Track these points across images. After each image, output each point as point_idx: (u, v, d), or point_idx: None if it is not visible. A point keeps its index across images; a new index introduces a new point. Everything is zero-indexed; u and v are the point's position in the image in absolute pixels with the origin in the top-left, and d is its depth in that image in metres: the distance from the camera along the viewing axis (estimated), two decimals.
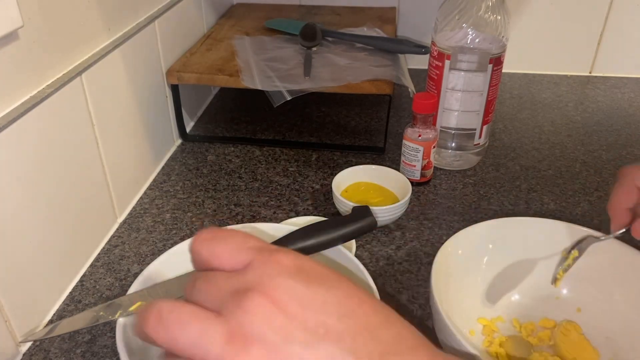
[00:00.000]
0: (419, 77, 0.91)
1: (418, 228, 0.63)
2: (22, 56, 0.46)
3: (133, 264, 0.58)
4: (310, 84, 0.71)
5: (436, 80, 0.68)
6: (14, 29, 0.44)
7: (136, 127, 0.68)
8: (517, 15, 0.99)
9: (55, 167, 0.52)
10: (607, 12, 0.97)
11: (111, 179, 0.62)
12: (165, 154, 0.78)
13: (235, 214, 0.65)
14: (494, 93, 0.68)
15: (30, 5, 0.47)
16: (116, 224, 0.64)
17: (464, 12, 0.64)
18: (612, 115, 0.89)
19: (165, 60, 0.75)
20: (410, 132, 0.67)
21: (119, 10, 0.62)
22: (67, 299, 0.54)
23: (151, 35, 0.70)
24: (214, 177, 0.73)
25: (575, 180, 0.71)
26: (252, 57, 0.79)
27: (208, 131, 0.85)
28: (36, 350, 0.49)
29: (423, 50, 0.79)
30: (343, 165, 0.72)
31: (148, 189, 0.71)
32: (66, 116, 0.53)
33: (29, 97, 0.47)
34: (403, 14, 1.02)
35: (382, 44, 0.82)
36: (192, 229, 0.63)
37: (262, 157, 0.77)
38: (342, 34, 0.85)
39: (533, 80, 1.01)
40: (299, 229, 0.47)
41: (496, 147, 0.79)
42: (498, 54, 0.65)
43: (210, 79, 0.75)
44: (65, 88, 0.52)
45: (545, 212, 0.65)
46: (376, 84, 0.71)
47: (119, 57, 0.62)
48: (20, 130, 0.46)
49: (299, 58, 0.79)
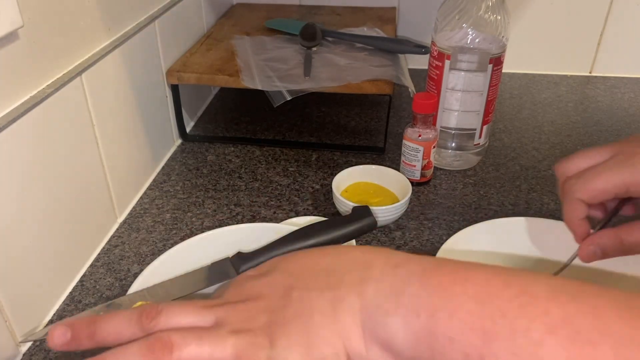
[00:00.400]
0: (419, 77, 0.91)
1: (418, 228, 0.63)
2: (22, 56, 0.46)
3: (133, 264, 0.58)
4: (310, 84, 0.71)
5: (436, 80, 0.68)
6: (14, 29, 0.44)
7: (136, 127, 0.68)
8: (517, 15, 0.99)
9: (55, 167, 0.52)
10: (607, 12, 0.97)
11: (111, 179, 0.62)
12: (165, 154, 0.78)
13: (235, 214, 0.65)
14: (494, 93, 0.68)
15: (30, 5, 0.47)
16: (116, 224, 0.64)
17: (464, 12, 0.64)
18: (612, 115, 0.89)
19: (165, 60, 0.75)
20: (410, 132, 0.67)
21: (119, 10, 0.62)
22: (67, 299, 0.54)
23: (151, 35, 0.70)
24: (214, 177, 0.73)
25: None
26: (252, 57, 0.79)
27: (208, 131, 0.85)
28: (36, 350, 0.49)
29: (423, 50, 0.79)
30: (343, 165, 0.72)
31: (148, 189, 0.71)
32: (66, 116, 0.53)
33: (29, 97, 0.47)
34: (403, 14, 1.02)
35: (382, 44, 0.82)
36: (192, 229, 0.63)
37: (262, 157, 0.77)
38: (342, 34, 0.85)
39: (533, 80, 1.01)
40: (299, 229, 0.47)
41: (496, 147, 0.79)
42: (498, 54, 0.65)
43: (210, 79, 0.75)
44: (65, 88, 0.52)
45: (545, 212, 0.65)
46: (376, 84, 0.71)
47: (119, 57, 0.62)
48: (20, 130, 0.46)
49: (299, 58, 0.79)
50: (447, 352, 0.27)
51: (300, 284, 0.34)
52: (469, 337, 0.26)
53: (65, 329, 0.34)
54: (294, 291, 0.33)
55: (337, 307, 0.31)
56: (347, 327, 0.31)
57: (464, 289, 0.28)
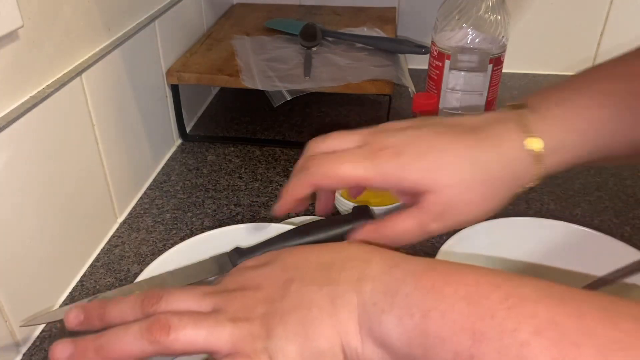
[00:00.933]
0: (419, 77, 0.91)
1: None
2: (22, 56, 0.46)
3: (133, 264, 0.58)
4: (310, 84, 0.71)
5: (436, 80, 0.68)
6: (14, 29, 0.44)
7: (136, 127, 0.68)
8: (517, 15, 0.99)
9: (55, 167, 0.52)
10: (607, 12, 0.97)
11: (111, 179, 0.62)
12: (165, 154, 0.78)
13: (236, 214, 0.65)
14: (494, 93, 0.68)
15: (30, 5, 0.47)
16: (116, 224, 0.64)
17: (464, 12, 0.64)
18: None
19: (165, 60, 0.75)
20: None
21: (119, 10, 0.62)
22: (67, 299, 0.54)
23: (151, 35, 0.70)
24: (214, 177, 0.73)
25: (575, 180, 0.71)
26: (252, 57, 0.79)
27: (208, 131, 0.85)
28: (36, 351, 0.49)
29: (423, 50, 0.79)
30: None
31: (148, 189, 0.71)
32: (66, 116, 0.53)
33: (29, 97, 0.47)
34: (403, 14, 1.02)
35: (382, 44, 0.82)
36: (192, 229, 0.63)
37: (262, 157, 0.77)
38: (342, 34, 0.85)
39: (533, 80, 1.01)
40: (298, 227, 0.47)
41: None
42: (498, 54, 0.65)
43: (210, 79, 0.75)
44: (65, 88, 0.52)
45: (545, 212, 0.65)
46: (376, 84, 0.71)
47: (119, 57, 0.62)
48: (20, 131, 0.46)
49: (299, 58, 0.79)
50: (439, 351, 0.28)
51: (299, 277, 0.34)
52: (460, 337, 0.27)
53: (79, 311, 0.37)
54: (293, 284, 0.34)
55: (335, 302, 0.32)
56: (344, 323, 0.31)
57: (455, 290, 0.29)
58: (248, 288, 0.35)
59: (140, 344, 0.32)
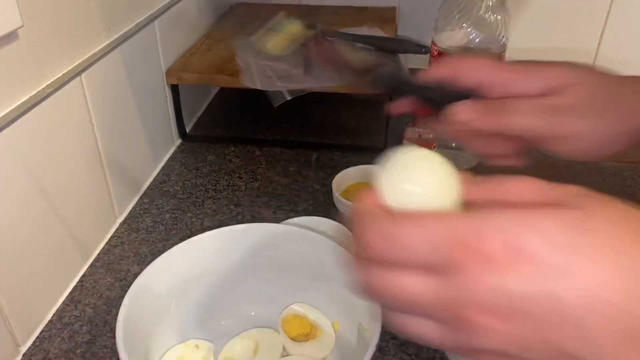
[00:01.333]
0: None
1: None
2: (22, 56, 0.46)
3: (133, 264, 0.58)
4: (310, 83, 0.71)
5: None
6: (14, 29, 0.43)
7: (136, 127, 0.68)
8: (517, 15, 0.99)
9: (55, 167, 0.52)
10: (607, 12, 0.97)
11: (111, 179, 0.62)
12: (165, 154, 0.77)
13: (236, 214, 0.65)
14: None
15: (30, 5, 0.47)
16: (116, 224, 0.64)
17: (464, 12, 0.64)
18: None
19: (165, 60, 0.75)
20: (410, 132, 0.67)
21: (119, 10, 0.62)
22: (66, 299, 0.54)
23: (151, 35, 0.70)
24: (214, 177, 0.73)
25: (575, 180, 0.71)
26: (252, 57, 0.79)
27: (208, 131, 0.85)
28: (36, 351, 0.48)
29: (423, 50, 0.78)
30: (343, 166, 0.72)
31: (148, 189, 0.71)
32: (66, 116, 0.53)
33: (29, 97, 0.47)
34: (403, 14, 1.02)
35: (382, 44, 0.82)
36: (192, 229, 0.63)
37: (262, 157, 0.77)
38: (342, 34, 0.85)
39: None
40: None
41: None
42: (498, 54, 0.65)
43: (210, 79, 0.75)
44: (65, 88, 0.52)
45: None
46: None
47: (119, 57, 0.62)
48: (20, 130, 0.46)
49: (299, 58, 0.79)
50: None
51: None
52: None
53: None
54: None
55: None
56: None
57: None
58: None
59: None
